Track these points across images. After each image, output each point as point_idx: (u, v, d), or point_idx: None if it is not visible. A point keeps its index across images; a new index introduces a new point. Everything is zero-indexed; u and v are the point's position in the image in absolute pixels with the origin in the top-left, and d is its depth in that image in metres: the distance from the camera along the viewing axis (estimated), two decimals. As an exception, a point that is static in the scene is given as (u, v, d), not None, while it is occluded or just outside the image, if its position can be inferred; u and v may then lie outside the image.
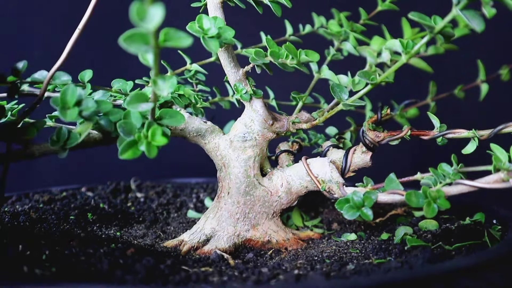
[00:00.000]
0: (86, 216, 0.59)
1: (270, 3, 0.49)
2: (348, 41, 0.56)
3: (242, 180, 0.51)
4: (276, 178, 0.52)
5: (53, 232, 0.51)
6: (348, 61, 0.58)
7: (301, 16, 0.64)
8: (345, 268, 0.42)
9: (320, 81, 0.55)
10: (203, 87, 0.62)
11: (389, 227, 0.55)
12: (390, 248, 0.47)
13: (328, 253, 0.48)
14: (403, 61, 0.43)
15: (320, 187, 0.50)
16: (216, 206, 0.53)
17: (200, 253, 0.49)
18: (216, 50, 0.43)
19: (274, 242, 0.51)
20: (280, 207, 0.52)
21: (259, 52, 0.49)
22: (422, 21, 0.40)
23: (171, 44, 0.32)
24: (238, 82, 0.50)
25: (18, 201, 0.67)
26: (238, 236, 0.51)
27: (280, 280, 0.38)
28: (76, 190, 0.74)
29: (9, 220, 0.54)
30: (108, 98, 0.51)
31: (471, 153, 0.48)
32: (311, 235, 0.55)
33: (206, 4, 0.50)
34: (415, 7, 0.44)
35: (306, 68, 0.50)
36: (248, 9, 0.50)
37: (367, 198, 0.45)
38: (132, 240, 0.53)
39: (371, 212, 0.45)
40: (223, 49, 0.49)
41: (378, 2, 0.59)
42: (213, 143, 0.52)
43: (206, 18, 0.43)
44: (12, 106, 0.50)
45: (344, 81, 0.51)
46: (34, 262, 0.39)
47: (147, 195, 0.73)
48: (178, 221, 0.62)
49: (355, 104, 0.47)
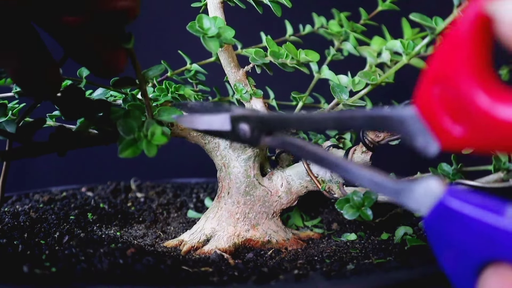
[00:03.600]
0: (86, 216, 0.59)
1: (270, 3, 0.49)
2: (348, 41, 0.56)
3: (242, 180, 0.51)
4: (276, 178, 0.52)
5: (53, 232, 0.51)
6: (348, 61, 0.58)
7: (301, 16, 0.64)
8: (345, 268, 0.42)
9: (320, 81, 0.55)
10: (203, 87, 0.62)
11: (389, 227, 0.55)
12: (390, 248, 0.47)
13: (328, 253, 0.48)
14: (403, 61, 0.43)
15: (320, 187, 0.50)
16: (216, 206, 0.53)
17: (200, 253, 0.49)
18: (216, 50, 0.43)
19: (274, 242, 0.51)
20: (280, 207, 0.52)
21: (259, 52, 0.49)
22: (424, 22, 0.40)
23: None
24: (238, 82, 0.50)
25: (18, 201, 0.67)
26: (238, 236, 0.51)
27: (280, 280, 0.38)
28: (76, 190, 0.74)
29: (9, 220, 0.54)
30: (108, 97, 0.51)
31: (471, 153, 0.48)
32: (311, 235, 0.55)
33: (206, 4, 0.50)
34: (415, 7, 0.44)
35: (306, 68, 0.50)
36: (248, 9, 0.50)
37: (367, 198, 0.45)
38: (132, 240, 0.53)
39: (371, 212, 0.45)
40: (223, 49, 0.49)
41: (378, 2, 0.59)
42: (213, 143, 0.52)
43: (206, 18, 0.43)
44: (13, 106, 0.50)
45: (344, 81, 0.51)
46: (34, 262, 0.39)
47: (147, 195, 0.73)
48: (178, 221, 0.62)
49: (355, 104, 0.47)
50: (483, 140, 0.22)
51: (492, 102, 0.21)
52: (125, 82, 0.41)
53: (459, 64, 0.22)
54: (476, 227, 0.22)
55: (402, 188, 0.26)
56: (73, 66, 0.43)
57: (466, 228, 0.23)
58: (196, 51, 0.57)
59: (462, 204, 0.23)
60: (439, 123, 0.23)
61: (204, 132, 0.38)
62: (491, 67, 0.22)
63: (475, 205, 0.22)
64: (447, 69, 0.22)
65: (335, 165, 0.30)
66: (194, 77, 0.59)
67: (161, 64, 0.42)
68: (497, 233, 0.21)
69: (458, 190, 0.24)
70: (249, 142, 0.35)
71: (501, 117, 0.21)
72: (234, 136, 0.36)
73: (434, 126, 0.24)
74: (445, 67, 0.22)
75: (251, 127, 0.34)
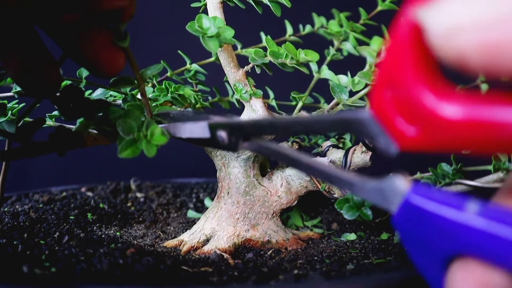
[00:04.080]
0: (86, 216, 0.59)
1: (270, 3, 0.49)
2: (348, 41, 0.56)
3: (241, 180, 0.51)
4: (276, 178, 0.52)
5: (53, 232, 0.51)
6: (348, 61, 0.58)
7: (301, 16, 0.64)
8: (345, 268, 0.42)
9: (320, 81, 0.55)
10: (203, 87, 0.62)
11: (389, 227, 0.55)
12: (390, 248, 0.47)
13: (328, 253, 0.48)
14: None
15: (320, 187, 0.50)
16: (216, 206, 0.53)
17: (200, 253, 0.49)
18: (215, 50, 0.43)
19: (274, 242, 0.51)
20: (280, 207, 0.52)
21: (258, 52, 0.48)
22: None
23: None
24: (238, 82, 0.50)
25: (18, 201, 0.67)
26: (238, 236, 0.51)
27: (280, 280, 0.38)
28: (76, 190, 0.74)
29: (9, 220, 0.54)
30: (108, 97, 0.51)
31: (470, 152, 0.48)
32: (311, 235, 0.55)
33: (205, 4, 0.50)
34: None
35: (306, 68, 0.50)
36: (248, 9, 0.50)
37: (367, 198, 0.45)
38: (132, 240, 0.53)
39: (371, 212, 0.45)
40: (223, 49, 0.49)
41: (378, 2, 0.59)
42: (213, 143, 0.52)
43: (206, 18, 0.43)
44: (12, 106, 0.50)
45: (344, 81, 0.51)
46: (34, 262, 0.39)
47: (147, 195, 0.73)
48: (178, 221, 0.62)
49: (355, 104, 0.47)
50: (435, 139, 0.22)
51: (437, 101, 0.22)
52: (123, 81, 0.41)
53: (404, 67, 0.22)
54: (439, 223, 0.23)
55: (371, 187, 0.27)
56: (73, 66, 0.43)
57: (430, 224, 0.23)
58: (196, 51, 0.56)
59: (425, 201, 0.23)
60: (393, 124, 0.24)
61: (187, 140, 0.39)
62: (437, 67, 0.22)
63: (437, 201, 0.23)
64: (394, 72, 0.23)
65: (308, 167, 0.31)
66: (194, 77, 0.59)
67: (159, 64, 0.43)
68: (458, 228, 0.22)
69: (422, 187, 0.24)
70: (228, 148, 0.35)
71: (446, 115, 0.21)
72: (214, 143, 0.36)
73: (389, 127, 0.24)
74: (392, 70, 0.23)
75: (228, 133, 0.35)
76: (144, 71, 0.41)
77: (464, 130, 0.21)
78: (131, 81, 0.40)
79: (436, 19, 0.20)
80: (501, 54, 0.19)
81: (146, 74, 0.41)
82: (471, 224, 0.21)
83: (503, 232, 0.20)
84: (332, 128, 0.29)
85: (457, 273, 0.23)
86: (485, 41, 0.19)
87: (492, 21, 0.19)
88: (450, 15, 0.20)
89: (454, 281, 0.23)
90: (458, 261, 0.23)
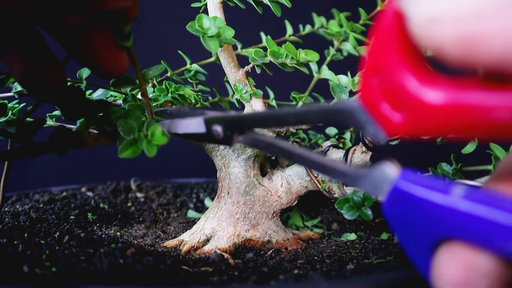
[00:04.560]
0: (86, 216, 0.59)
1: (270, 3, 0.49)
2: (348, 41, 0.56)
3: (242, 180, 0.51)
4: (276, 178, 0.52)
5: (53, 232, 0.51)
6: (348, 61, 0.58)
7: (301, 16, 0.64)
8: (345, 268, 0.42)
9: (320, 81, 0.55)
10: (203, 87, 0.62)
11: (389, 227, 0.55)
12: (390, 248, 0.47)
13: (328, 253, 0.48)
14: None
15: (320, 187, 0.50)
16: (216, 206, 0.53)
17: (200, 253, 0.49)
18: (216, 50, 0.43)
19: (274, 242, 0.51)
20: (280, 207, 0.52)
21: (259, 52, 0.49)
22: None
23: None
24: (238, 82, 0.50)
25: (18, 201, 0.67)
26: (238, 236, 0.51)
27: (280, 280, 0.38)
28: (76, 190, 0.74)
29: (9, 220, 0.54)
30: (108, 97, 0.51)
31: (471, 152, 0.48)
32: (311, 235, 0.55)
33: (206, 4, 0.50)
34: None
35: (306, 68, 0.50)
36: (248, 9, 0.50)
37: (367, 197, 0.45)
38: (132, 240, 0.53)
39: (371, 212, 0.45)
40: (223, 49, 0.49)
41: (378, 2, 0.59)
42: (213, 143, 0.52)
43: (206, 18, 0.43)
44: (13, 106, 0.50)
45: (344, 81, 0.51)
46: (34, 262, 0.39)
47: (147, 195, 0.73)
48: (178, 221, 0.62)
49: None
50: (419, 124, 0.23)
51: (420, 86, 0.22)
52: (125, 81, 0.41)
53: (388, 54, 0.23)
54: (426, 207, 0.23)
55: (362, 175, 0.27)
56: (73, 66, 0.43)
57: (418, 209, 0.23)
58: (196, 51, 0.56)
59: (413, 186, 0.24)
60: (380, 111, 0.24)
61: (183, 136, 0.39)
62: (421, 54, 0.23)
63: (424, 186, 0.23)
64: (380, 60, 0.23)
65: (300, 158, 0.32)
66: (194, 77, 0.59)
67: (161, 64, 0.43)
68: (445, 211, 0.22)
69: (410, 173, 0.24)
70: (223, 142, 0.36)
71: (428, 100, 0.22)
72: (209, 138, 0.37)
73: (376, 115, 0.25)
74: (378, 58, 0.23)
75: (223, 127, 0.35)
76: (146, 71, 0.41)
77: (447, 114, 0.21)
78: (133, 81, 0.40)
79: (417, 9, 0.21)
80: (477, 47, 0.19)
81: (148, 74, 0.41)
82: (457, 207, 0.22)
83: (488, 214, 0.21)
84: (323, 119, 0.30)
85: (444, 256, 0.23)
86: (461, 33, 0.19)
87: (469, 14, 0.19)
88: (430, 6, 0.20)
89: (440, 264, 0.23)
90: (445, 244, 0.23)
